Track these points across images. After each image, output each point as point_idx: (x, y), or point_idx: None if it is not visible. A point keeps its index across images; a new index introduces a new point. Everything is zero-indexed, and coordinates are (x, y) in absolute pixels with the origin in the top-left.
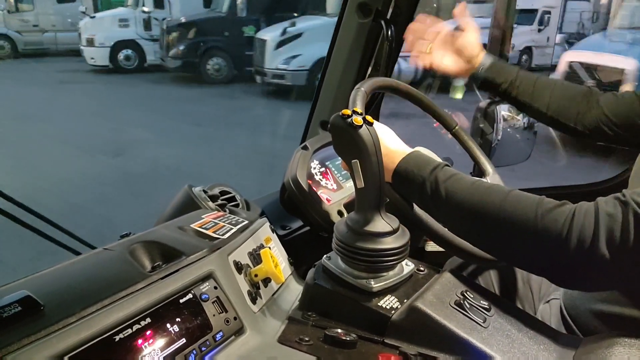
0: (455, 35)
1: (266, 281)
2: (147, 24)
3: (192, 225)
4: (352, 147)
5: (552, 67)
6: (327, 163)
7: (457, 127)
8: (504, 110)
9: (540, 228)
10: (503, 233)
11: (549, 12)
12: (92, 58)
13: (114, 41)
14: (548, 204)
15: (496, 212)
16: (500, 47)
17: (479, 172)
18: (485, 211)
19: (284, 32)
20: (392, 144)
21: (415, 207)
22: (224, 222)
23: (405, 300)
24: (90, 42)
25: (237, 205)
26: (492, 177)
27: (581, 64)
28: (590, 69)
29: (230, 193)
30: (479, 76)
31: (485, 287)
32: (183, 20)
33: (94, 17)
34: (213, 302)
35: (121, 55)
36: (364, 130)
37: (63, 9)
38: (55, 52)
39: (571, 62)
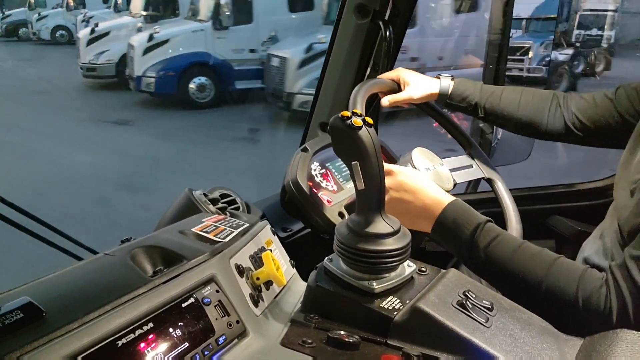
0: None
1: (268, 284)
2: None
3: (193, 229)
4: (352, 148)
5: None
6: (327, 165)
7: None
8: None
9: (582, 309)
10: (543, 303)
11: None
12: None
13: None
14: (589, 284)
15: (537, 284)
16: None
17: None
18: (525, 281)
19: None
20: (430, 192)
21: None
22: (224, 225)
23: (407, 301)
24: None
25: (237, 208)
26: (475, 150)
27: None
28: None
29: (231, 196)
30: (444, 101)
31: (488, 286)
32: None
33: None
34: (215, 306)
35: None
36: (363, 132)
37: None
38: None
39: None
